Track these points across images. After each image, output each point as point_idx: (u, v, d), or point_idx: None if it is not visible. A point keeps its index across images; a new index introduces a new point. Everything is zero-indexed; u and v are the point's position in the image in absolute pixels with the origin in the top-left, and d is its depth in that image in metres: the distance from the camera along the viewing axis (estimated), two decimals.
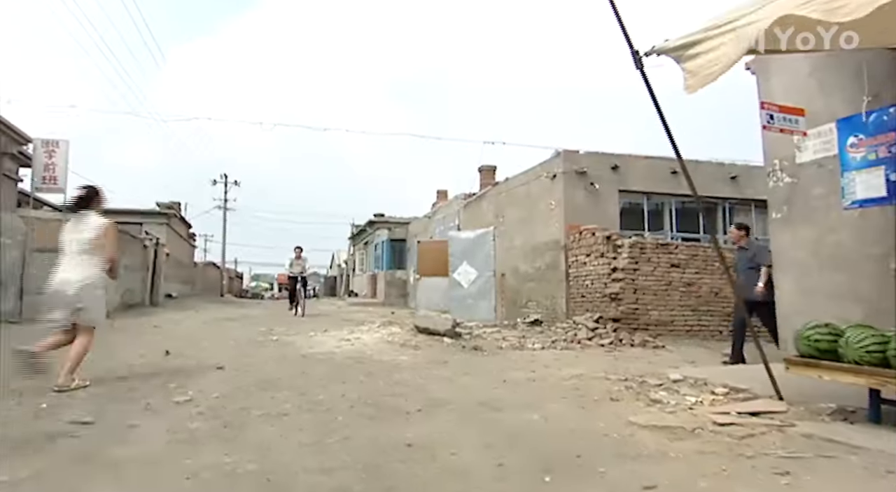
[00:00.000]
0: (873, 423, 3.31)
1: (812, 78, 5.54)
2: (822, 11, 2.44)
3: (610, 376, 5.09)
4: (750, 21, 2.81)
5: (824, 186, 5.39)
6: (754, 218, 11.58)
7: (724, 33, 2.98)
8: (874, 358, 3.14)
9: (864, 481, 2.54)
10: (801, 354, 3.58)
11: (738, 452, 3.02)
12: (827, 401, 3.81)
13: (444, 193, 20.74)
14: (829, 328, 3.47)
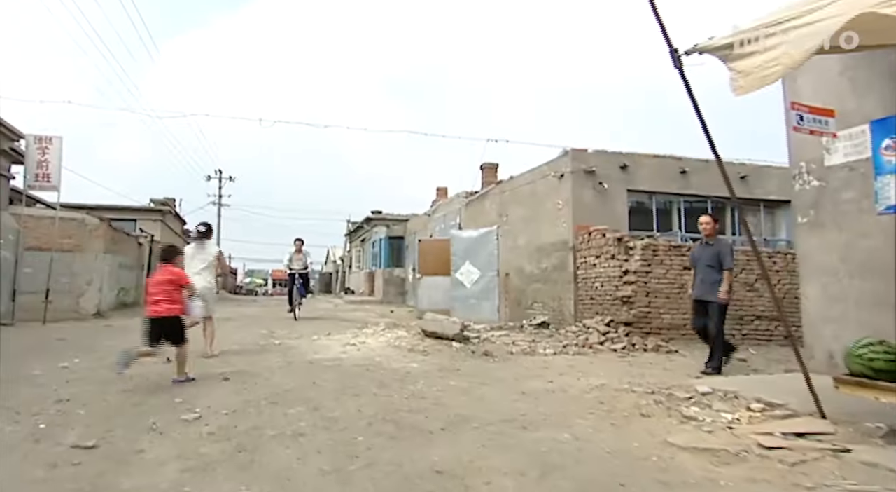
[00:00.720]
0: None
1: (843, 77, 5.33)
2: None
3: (635, 389, 4.87)
4: (812, 20, 2.59)
5: (856, 190, 5.19)
6: (763, 218, 11.42)
7: (785, 31, 2.75)
8: None
9: None
10: (852, 372, 3.37)
11: (794, 481, 2.83)
12: (874, 420, 3.61)
13: (443, 190, 20.49)
14: (885, 346, 3.28)
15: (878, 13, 2.36)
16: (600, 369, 6.42)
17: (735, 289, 8.76)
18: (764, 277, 4.69)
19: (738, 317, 8.78)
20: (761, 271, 4.89)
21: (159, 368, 5.56)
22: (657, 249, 8.50)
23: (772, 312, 8.83)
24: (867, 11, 2.38)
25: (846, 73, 5.32)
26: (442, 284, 14.31)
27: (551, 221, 10.45)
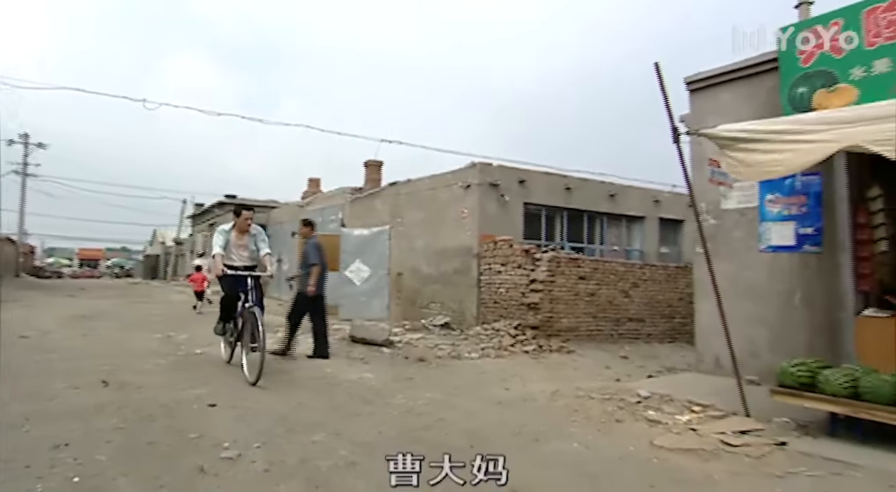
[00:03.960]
0: (832, 437, 4.33)
1: (767, 123, 6.67)
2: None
3: (592, 395, 5.71)
4: (816, 140, 3.52)
5: (744, 231, 6.60)
6: (625, 230, 13.34)
7: (790, 142, 3.66)
8: (847, 392, 4.12)
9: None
10: (783, 384, 4.50)
11: (767, 472, 3.77)
12: (778, 416, 4.81)
13: (316, 181, 20.03)
14: (807, 366, 4.43)
15: (865, 147, 3.34)
16: (531, 372, 7.24)
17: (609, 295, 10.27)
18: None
19: (615, 319, 10.31)
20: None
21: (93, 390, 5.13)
22: (560, 261, 9.62)
23: (641, 315, 10.52)
24: (859, 144, 3.35)
25: None
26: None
27: (454, 227, 11.12)
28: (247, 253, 6.52)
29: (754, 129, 4.13)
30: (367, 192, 14.82)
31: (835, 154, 3.78)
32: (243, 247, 6.50)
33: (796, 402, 4.39)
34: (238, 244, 6.46)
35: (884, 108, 3.52)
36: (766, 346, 6.37)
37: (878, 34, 5.21)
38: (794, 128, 3.87)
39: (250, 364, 5.89)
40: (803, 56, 5.81)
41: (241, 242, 6.47)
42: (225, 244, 6.32)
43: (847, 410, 4.14)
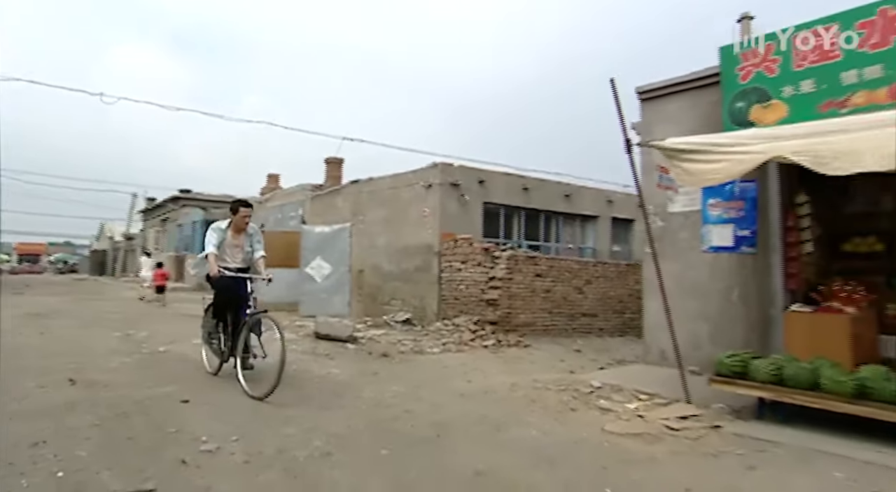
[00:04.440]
0: (760, 420, 4.83)
1: (709, 137, 7.17)
2: (812, 163, 3.66)
3: (549, 387, 6.10)
4: (749, 150, 3.96)
5: (688, 232, 7.11)
6: (580, 229, 13.90)
7: (726, 154, 4.11)
8: (772, 378, 4.62)
9: (798, 464, 3.87)
10: (719, 373, 4.97)
11: (703, 451, 4.22)
12: (715, 403, 5.31)
13: (275, 177, 19.90)
14: (740, 357, 4.92)
15: (787, 157, 3.80)
16: (491, 366, 7.59)
17: (564, 291, 10.73)
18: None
19: (569, 315, 10.80)
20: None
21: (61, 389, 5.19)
22: (518, 259, 10.02)
23: (594, 311, 11.05)
24: (783, 156, 3.80)
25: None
26: (286, 277, 14.24)
27: (416, 225, 11.38)
28: (241, 255, 6.01)
29: (697, 141, 4.57)
30: (328, 189, 14.90)
31: (763, 164, 4.25)
32: (238, 248, 5.98)
33: (730, 389, 4.87)
34: (233, 244, 5.93)
35: (801, 128, 4.04)
36: (707, 339, 6.90)
37: (804, 58, 5.76)
38: (730, 141, 4.32)
39: (254, 375, 5.51)
40: (741, 73, 6.32)
41: (236, 241, 5.95)
42: (219, 243, 5.80)
43: (772, 395, 4.63)
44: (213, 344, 6.13)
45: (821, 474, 3.68)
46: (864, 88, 5.39)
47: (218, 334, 6.04)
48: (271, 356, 5.37)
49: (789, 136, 4.10)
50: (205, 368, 6.29)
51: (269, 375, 5.22)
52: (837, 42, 5.55)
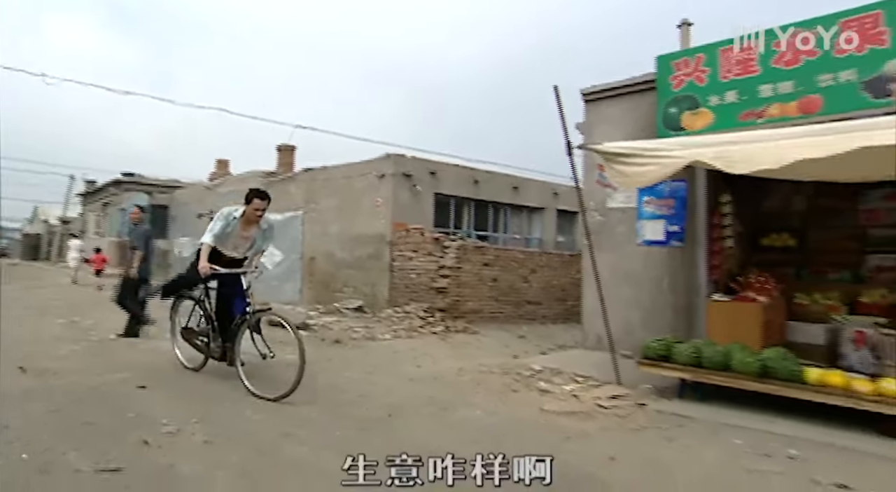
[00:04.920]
0: (681, 399, 5.38)
1: (639, 142, 7.69)
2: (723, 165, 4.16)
3: (493, 370, 6.52)
4: (672, 156, 4.43)
5: (625, 226, 7.65)
6: (526, 220, 14.42)
7: (654, 158, 4.57)
8: (691, 360, 5.16)
9: (708, 435, 4.40)
10: (646, 357, 5.49)
11: (629, 427, 4.71)
12: (643, 383, 5.84)
13: (224, 162, 19.55)
14: (665, 342, 5.44)
15: (706, 163, 4.29)
16: (440, 352, 7.96)
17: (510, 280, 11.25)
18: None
19: (515, 302, 11.31)
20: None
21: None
22: (467, 249, 10.41)
23: (538, 299, 11.59)
24: (701, 160, 4.29)
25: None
26: None
27: (369, 215, 11.59)
28: (246, 245, 5.56)
29: (629, 146, 5.03)
30: (280, 176, 14.86)
31: (687, 167, 4.76)
32: (247, 240, 5.53)
33: (656, 371, 5.39)
34: (242, 236, 5.47)
35: (715, 138, 4.58)
36: (639, 325, 7.47)
37: (729, 70, 6.31)
38: (658, 146, 4.79)
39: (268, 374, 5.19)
40: (675, 81, 6.84)
41: (245, 233, 5.48)
42: (222, 232, 5.30)
43: (691, 375, 5.18)
44: (197, 341, 5.70)
45: (725, 443, 4.21)
46: (778, 101, 5.98)
47: (206, 331, 5.58)
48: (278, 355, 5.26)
49: (706, 143, 4.60)
50: (179, 362, 5.95)
51: (280, 375, 5.12)
52: (756, 58, 6.12)
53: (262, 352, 5.18)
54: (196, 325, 5.75)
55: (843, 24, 5.54)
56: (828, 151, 3.70)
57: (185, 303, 6.01)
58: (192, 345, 5.77)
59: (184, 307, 6.03)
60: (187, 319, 5.86)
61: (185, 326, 5.85)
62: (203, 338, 5.62)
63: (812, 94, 5.79)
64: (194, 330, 5.75)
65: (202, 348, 5.64)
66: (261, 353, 5.19)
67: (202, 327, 5.65)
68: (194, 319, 5.78)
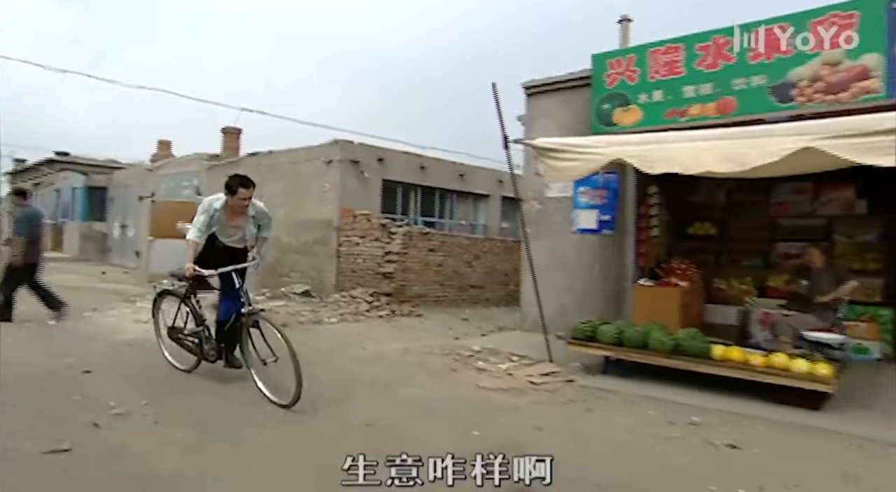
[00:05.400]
0: (605, 375, 5.87)
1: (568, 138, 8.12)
2: (640, 164, 4.58)
3: (435, 351, 6.86)
4: (597, 153, 4.83)
5: (561, 215, 8.10)
6: (472, 206, 14.80)
7: (581, 154, 4.97)
8: (614, 340, 5.64)
9: (625, 407, 4.88)
10: (575, 337, 5.94)
11: (557, 401, 5.14)
12: (572, 362, 6.31)
13: (166, 143, 18.98)
14: (591, 323, 5.91)
15: (624, 160, 4.71)
16: (385, 334, 8.25)
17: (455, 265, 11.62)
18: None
19: (459, 286, 11.70)
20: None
21: None
22: (412, 235, 10.69)
23: (481, 283, 12.03)
24: (621, 158, 4.70)
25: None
26: (177, 248, 13.85)
27: (316, 200, 11.67)
28: (238, 234, 5.13)
29: (560, 142, 5.41)
30: (225, 160, 14.65)
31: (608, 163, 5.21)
32: (237, 228, 5.10)
33: (583, 350, 5.86)
34: (230, 225, 5.07)
35: (636, 137, 5.04)
36: (573, 308, 7.96)
37: (657, 71, 6.77)
38: (585, 143, 5.19)
39: (274, 379, 4.65)
40: (608, 79, 7.27)
41: (233, 223, 5.07)
42: (206, 227, 4.90)
43: (613, 353, 5.68)
44: (187, 341, 5.30)
45: (638, 413, 4.70)
46: (698, 102, 6.49)
47: (197, 331, 5.16)
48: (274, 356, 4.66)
49: (628, 142, 5.04)
50: (167, 362, 5.52)
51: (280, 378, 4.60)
52: (681, 60, 6.60)
53: (262, 357, 4.64)
54: (183, 323, 5.32)
55: (756, 34, 6.06)
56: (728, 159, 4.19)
57: (168, 299, 5.58)
58: (182, 346, 5.35)
59: (167, 304, 5.61)
60: (173, 317, 5.43)
61: (172, 325, 5.42)
62: (193, 339, 5.20)
63: (728, 96, 6.32)
64: (182, 330, 5.32)
65: (193, 350, 5.23)
66: (260, 357, 4.66)
67: (192, 328, 5.22)
68: (181, 318, 5.36)
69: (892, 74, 5.29)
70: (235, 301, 4.86)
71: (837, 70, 5.54)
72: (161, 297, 5.67)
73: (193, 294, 5.16)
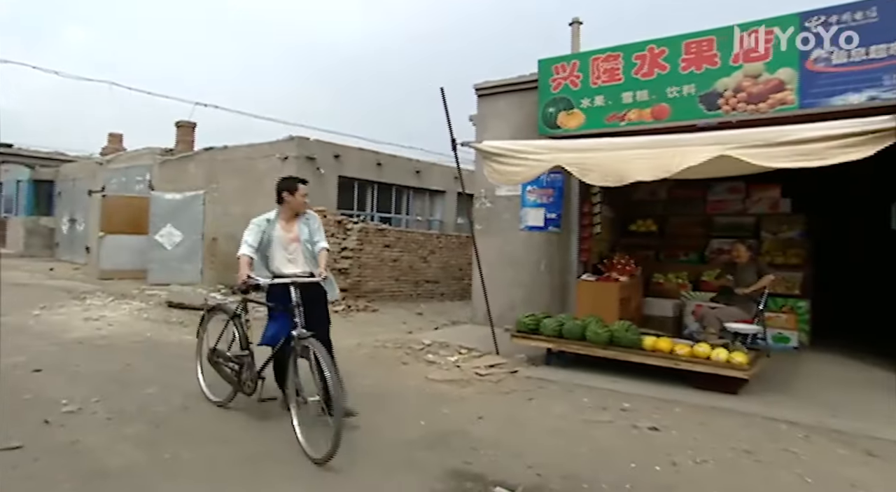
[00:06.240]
0: (548, 366, 6.22)
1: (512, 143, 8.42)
2: (578, 173, 4.90)
3: (387, 345, 7.09)
4: (539, 159, 5.13)
5: (510, 213, 8.42)
6: (428, 202, 15.03)
7: (523, 160, 5.27)
8: (555, 333, 5.99)
9: (563, 395, 5.22)
10: (519, 330, 6.26)
11: (500, 391, 5.45)
12: (518, 353, 6.63)
13: (117, 137, 18.48)
14: (535, 317, 6.24)
15: (564, 167, 5.02)
16: (340, 329, 8.30)
17: (410, 260, 11.84)
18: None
19: (414, 282, 11.94)
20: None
21: None
22: (368, 231, 10.85)
23: (436, 278, 12.30)
24: (561, 164, 5.01)
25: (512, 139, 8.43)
26: (129, 244, 13.85)
27: (272, 197, 11.63)
28: (301, 252, 4.32)
29: (503, 146, 5.70)
30: (179, 154, 14.46)
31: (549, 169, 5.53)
32: (296, 243, 4.32)
33: (527, 342, 6.19)
34: (288, 239, 4.31)
35: (575, 143, 5.37)
36: (521, 302, 8.30)
37: (598, 77, 7.13)
38: (527, 149, 5.50)
39: (311, 429, 3.66)
40: (553, 83, 7.59)
41: (291, 233, 4.32)
42: (259, 243, 4.26)
43: (554, 345, 6.02)
44: (227, 367, 4.52)
45: (574, 401, 5.04)
46: (636, 107, 6.87)
47: (241, 356, 4.37)
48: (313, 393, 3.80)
49: (567, 149, 5.36)
50: (203, 393, 4.73)
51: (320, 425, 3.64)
52: (620, 68, 6.97)
53: (305, 396, 3.77)
54: (227, 346, 4.56)
55: (686, 46, 6.47)
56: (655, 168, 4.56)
57: (218, 317, 4.80)
58: (220, 372, 4.60)
59: (215, 323, 4.81)
60: (217, 337, 4.66)
61: (214, 346, 4.65)
62: (234, 365, 4.43)
63: (663, 103, 6.72)
64: (224, 353, 4.55)
65: (230, 378, 4.47)
66: (301, 394, 3.81)
67: (235, 352, 4.44)
68: (226, 339, 4.61)
69: (804, 88, 5.76)
70: (286, 323, 4.00)
71: (758, 82, 5.99)
72: (210, 314, 4.91)
73: (245, 311, 4.48)
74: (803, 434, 4.23)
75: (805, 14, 5.80)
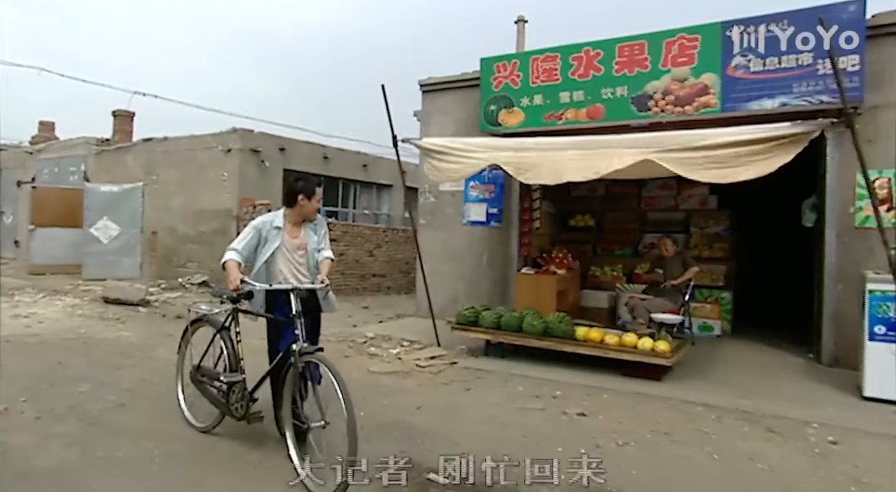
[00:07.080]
0: (487, 356, 6.43)
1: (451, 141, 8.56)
2: (513, 172, 5.09)
3: (329, 339, 7.13)
4: (476, 157, 5.29)
5: (454, 208, 8.58)
6: (376, 196, 15.04)
7: (461, 157, 5.41)
8: (493, 324, 6.19)
9: (499, 384, 5.42)
10: (459, 322, 6.44)
11: (440, 381, 5.61)
12: (458, 345, 6.82)
13: (49, 125, 17.53)
14: (475, 309, 6.42)
15: (500, 165, 5.20)
16: None
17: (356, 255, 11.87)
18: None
19: (360, 275, 11.97)
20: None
21: None
22: None
23: (383, 272, 12.37)
24: (498, 163, 5.19)
25: (455, 136, 8.57)
26: (62, 237, 13.32)
27: (214, 189, 11.46)
28: (306, 261, 3.84)
29: (442, 144, 5.85)
30: (116, 145, 13.93)
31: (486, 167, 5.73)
32: (302, 250, 3.82)
33: (467, 334, 6.38)
34: (294, 246, 3.79)
35: (511, 142, 5.59)
36: (463, 295, 8.49)
37: (538, 77, 7.36)
38: (465, 147, 5.66)
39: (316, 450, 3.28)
40: (495, 82, 7.78)
41: (297, 240, 3.82)
42: (249, 248, 3.78)
43: (492, 337, 6.23)
44: (212, 387, 3.95)
45: (509, 389, 5.26)
46: (573, 107, 7.14)
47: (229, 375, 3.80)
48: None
49: (504, 148, 5.55)
50: (184, 417, 4.16)
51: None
52: (558, 68, 7.22)
53: (310, 422, 3.32)
54: (213, 363, 3.99)
55: (619, 49, 6.77)
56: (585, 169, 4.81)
57: (202, 330, 4.20)
58: (204, 393, 4.02)
59: (199, 337, 4.20)
60: (202, 354, 4.08)
61: (198, 364, 4.08)
62: (220, 385, 3.87)
63: (598, 104, 7.01)
64: (209, 371, 3.99)
65: (216, 399, 3.89)
66: (303, 419, 3.37)
67: (227, 374, 3.83)
68: (211, 355, 4.03)
69: (726, 92, 6.15)
70: (286, 334, 3.57)
71: (684, 85, 6.34)
72: (194, 325, 4.25)
73: (235, 323, 3.86)
74: (716, 416, 4.57)
75: (726, 23, 6.17)
